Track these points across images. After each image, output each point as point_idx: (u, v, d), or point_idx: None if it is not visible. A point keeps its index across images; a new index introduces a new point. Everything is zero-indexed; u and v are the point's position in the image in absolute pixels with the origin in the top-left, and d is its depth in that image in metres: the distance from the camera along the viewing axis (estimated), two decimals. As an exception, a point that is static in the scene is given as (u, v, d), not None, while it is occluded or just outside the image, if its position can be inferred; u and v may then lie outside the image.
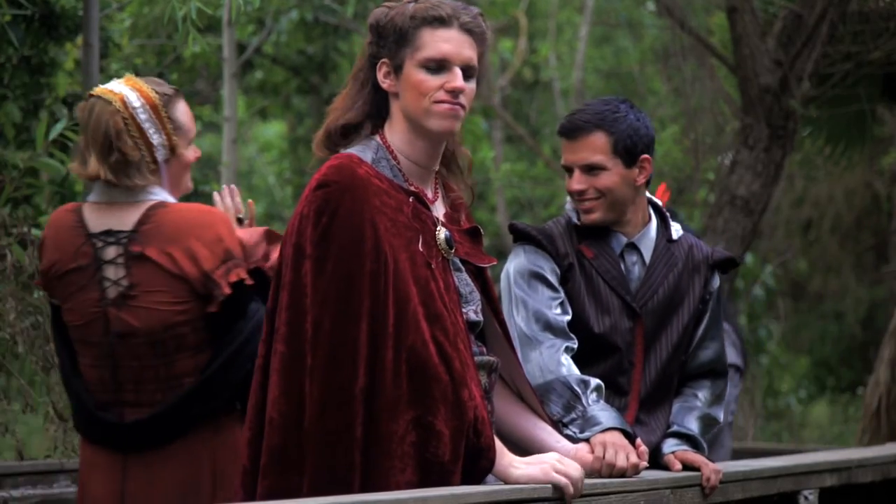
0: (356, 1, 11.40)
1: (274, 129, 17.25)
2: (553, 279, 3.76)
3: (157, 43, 9.81)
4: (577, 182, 3.81)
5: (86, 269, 3.63)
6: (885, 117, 11.66)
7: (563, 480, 3.07)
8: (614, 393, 3.78)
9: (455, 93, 3.14)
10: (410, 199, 3.17)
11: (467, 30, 3.16)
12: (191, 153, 3.76)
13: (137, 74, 3.74)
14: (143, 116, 3.67)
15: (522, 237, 3.83)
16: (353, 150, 3.18)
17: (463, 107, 3.16)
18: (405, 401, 3.02)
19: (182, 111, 3.77)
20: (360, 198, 3.07)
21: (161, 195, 3.69)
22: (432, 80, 3.14)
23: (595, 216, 3.82)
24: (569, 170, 3.83)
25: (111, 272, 3.63)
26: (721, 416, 3.95)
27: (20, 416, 4.94)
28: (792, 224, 16.52)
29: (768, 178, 8.11)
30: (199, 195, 8.59)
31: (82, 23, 5.71)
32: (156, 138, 3.67)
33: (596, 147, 3.79)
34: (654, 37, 14.29)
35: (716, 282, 3.95)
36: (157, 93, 3.69)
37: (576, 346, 3.70)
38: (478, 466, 3.10)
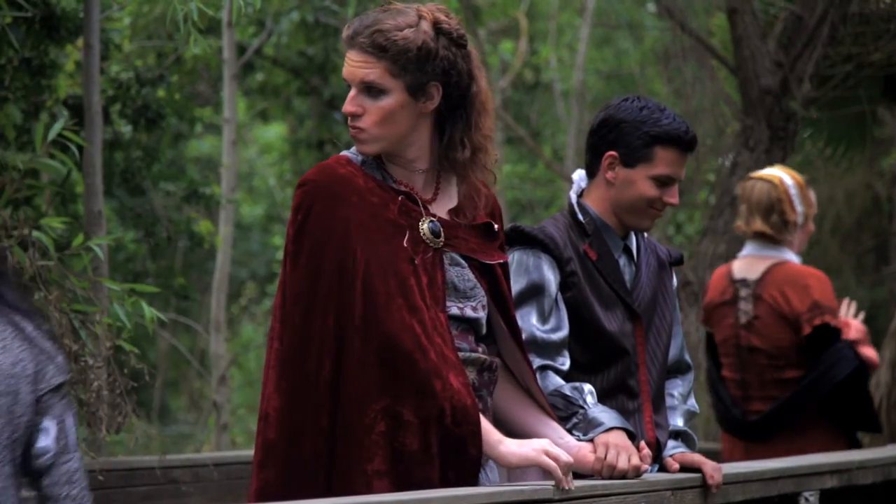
0: (357, 2, 11.40)
1: (274, 131, 17.23)
2: (553, 289, 3.71)
3: (157, 44, 9.80)
4: (676, 196, 3.80)
5: (729, 304, 5.62)
6: (885, 119, 11.65)
7: (551, 464, 3.11)
8: (627, 396, 3.77)
9: (349, 115, 3.21)
10: (399, 198, 3.21)
11: (361, 48, 3.18)
12: (811, 226, 5.61)
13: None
14: (793, 192, 5.54)
15: (527, 240, 3.76)
16: (347, 152, 3.28)
17: (362, 129, 3.20)
18: (374, 391, 3.07)
19: (812, 195, 5.60)
20: (334, 195, 3.15)
21: (787, 255, 5.60)
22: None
23: (652, 226, 3.86)
24: (667, 181, 3.77)
25: (743, 306, 5.58)
26: (696, 408, 3.98)
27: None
28: (792, 225, 16.50)
29: (769, 180, 8.11)
30: (200, 197, 8.59)
31: (83, 24, 5.71)
32: (799, 209, 5.54)
33: None
34: (654, 38, 14.28)
35: (675, 279, 3.99)
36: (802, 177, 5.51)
37: (562, 364, 3.65)
38: (465, 456, 3.12)
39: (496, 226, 3.36)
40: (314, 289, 3.12)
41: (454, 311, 3.23)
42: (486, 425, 3.17)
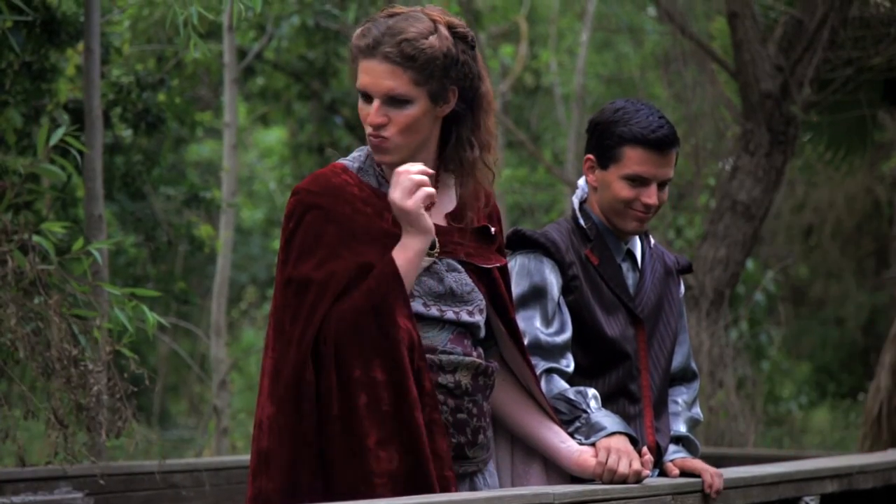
0: (357, 6, 11.41)
1: (275, 135, 17.25)
2: (556, 292, 3.71)
3: (158, 48, 9.81)
4: (653, 196, 3.75)
5: None
6: (885, 122, 11.66)
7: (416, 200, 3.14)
8: (628, 400, 3.77)
9: (374, 126, 3.18)
10: None
11: (387, 58, 3.15)
12: None
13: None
14: None
15: (529, 244, 3.77)
16: (344, 160, 3.29)
17: (386, 138, 3.18)
18: (351, 362, 3.10)
19: None
20: (325, 205, 3.17)
21: None
22: (364, 111, 3.21)
23: (642, 228, 3.82)
24: (640, 181, 3.74)
25: None
26: (700, 417, 3.97)
27: (21, 422, 4.94)
28: (793, 229, 16.52)
29: (769, 184, 8.12)
30: (200, 201, 8.59)
31: (83, 28, 5.71)
32: None
33: (673, 162, 3.77)
34: (654, 42, 14.29)
35: (682, 287, 3.98)
36: None
37: (566, 366, 3.66)
38: (423, 387, 3.14)
39: (493, 229, 3.36)
40: (301, 298, 3.13)
41: (450, 315, 3.23)
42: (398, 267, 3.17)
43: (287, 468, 3.11)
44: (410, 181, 3.13)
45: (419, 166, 3.17)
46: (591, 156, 3.80)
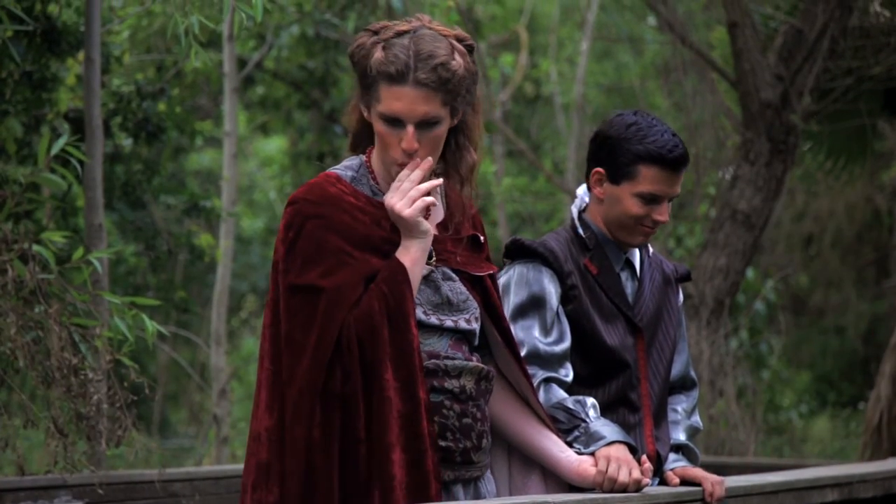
0: (357, 16, 11.42)
1: (275, 144, 17.26)
2: (554, 301, 3.71)
3: (157, 58, 9.82)
4: (664, 214, 3.75)
5: None
6: (885, 132, 11.67)
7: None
8: (628, 409, 3.77)
9: (410, 152, 3.16)
10: None
11: (423, 84, 3.13)
12: None
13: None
14: None
15: (527, 253, 3.77)
16: (336, 169, 3.28)
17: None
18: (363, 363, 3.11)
19: None
20: (325, 214, 3.16)
21: None
22: (391, 136, 3.17)
23: (647, 242, 3.83)
24: (653, 199, 3.74)
25: None
26: (700, 425, 3.96)
27: (21, 431, 4.94)
28: (793, 238, 16.53)
29: (769, 193, 8.13)
30: (200, 210, 8.59)
31: (84, 38, 5.72)
32: None
33: (682, 179, 3.77)
34: (654, 52, 14.31)
35: (681, 295, 3.98)
36: None
37: (565, 375, 3.66)
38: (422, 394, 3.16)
39: (482, 238, 3.37)
40: (311, 307, 3.12)
41: (448, 323, 3.24)
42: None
43: (292, 479, 3.09)
44: (417, 191, 3.15)
45: (420, 173, 3.17)
46: (600, 169, 3.79)
